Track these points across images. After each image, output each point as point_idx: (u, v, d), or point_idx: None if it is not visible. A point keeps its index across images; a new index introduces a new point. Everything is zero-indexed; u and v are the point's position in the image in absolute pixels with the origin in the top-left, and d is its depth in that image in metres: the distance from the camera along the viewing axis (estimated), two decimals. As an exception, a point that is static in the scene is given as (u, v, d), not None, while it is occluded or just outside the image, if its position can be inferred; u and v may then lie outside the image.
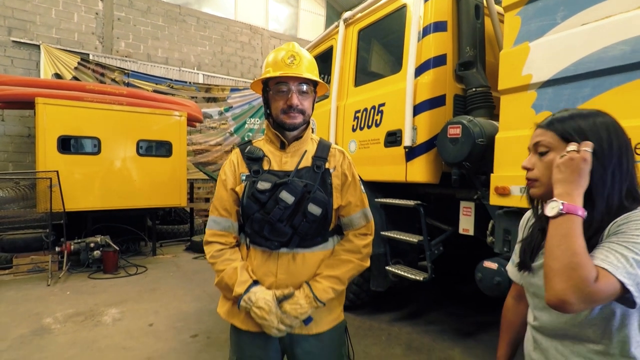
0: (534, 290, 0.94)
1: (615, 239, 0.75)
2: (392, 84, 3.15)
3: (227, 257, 1.22)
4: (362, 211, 1.31)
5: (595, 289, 0.69)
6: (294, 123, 1.19)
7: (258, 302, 1.12)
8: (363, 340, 3.08)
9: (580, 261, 0.70)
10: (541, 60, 2.09)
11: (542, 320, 0.91)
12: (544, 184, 0.88)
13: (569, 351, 0.85)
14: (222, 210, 1.24)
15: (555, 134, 0.86)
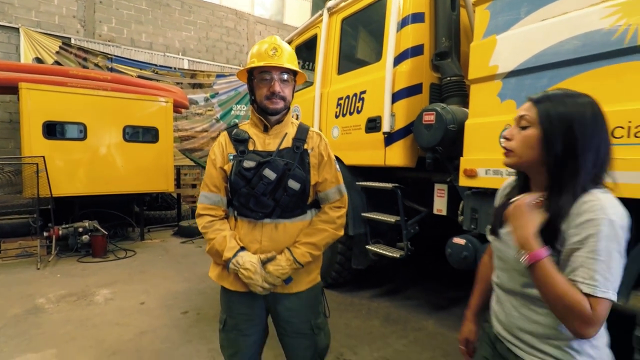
0: (498, 253, 1.04)
1: (589, 254, 0.80)
2: (372, 72, 3.30)
3: (217, 227, 1.38)
4: (336, 187, 1.48)
5: (597, 316, 0.78)
6: (276, 108, 1.34)
7: (245, 264, 1.28)
8: (345, 314, 3.29)
9: (569, 301, 0.79)
10: (506, 52, 2.27)
11: (501, 279, 1.03)
12: (518, 155, 0.94)
13: (519, 304, 0.97)
14: (212, 187, 1.40)
15: (538, 115, 0.91)
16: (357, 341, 2.79)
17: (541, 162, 0.91)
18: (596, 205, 0.82)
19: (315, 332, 1.41)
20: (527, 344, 0.95)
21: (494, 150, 2.29)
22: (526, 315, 0.95)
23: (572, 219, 0.84)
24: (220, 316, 1.46)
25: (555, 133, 0.88)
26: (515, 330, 0.98)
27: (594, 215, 0.81)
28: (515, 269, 0.96)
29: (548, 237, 0.86)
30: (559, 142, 0.87)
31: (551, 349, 0.90)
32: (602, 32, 1.85)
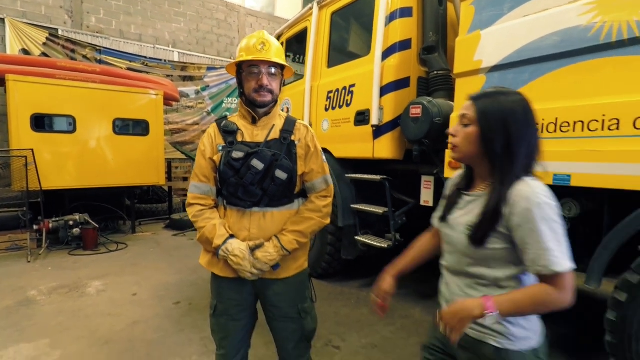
0: (446, 238, 1.14)
1: (539, 242, 0.90)
2: (361, 66, 3.35)
3: (207, 216, 1.43)
4: (323, 177, 1.54)
5: (568, 287, 0.90)
6: (264, 101, 1.39)
7: (234, 251, 1.33)
8: (334, 303, 3.37)
9: (541, 300, 0.90)
10: (490, 47, 2.34)
11: (449, 262, 1.13)
12: (461, 151, 1.05)
13: (464, 284, 1.07)
14: (201, 177, 1.45)
15: (476, 114, 1.00)
16: (345, 328, 2.87)
17: (481, 155, 1.01)
18: (530, 192, 0.92)
19: (302, 316, 1.47)
20: (474, 322, 1.00)
21: (478, 143, 2.37)
22: (469, 294, 1.04)
23: (512, 205, 0.93)
24: (211, 302, 1.52)
25: (491, 129, 0.97)
26: None
27: (528, 203, 0.91)
28: (460, 252, 1.06)
29: (492, 220, 0.96)
30: (495, 138, 0.97)
31: (491, 324, 0.97)
32: (580, 29, 1.92)
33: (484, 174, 1.05)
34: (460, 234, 1.04)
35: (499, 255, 0.98)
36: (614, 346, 1.79)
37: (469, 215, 1.04)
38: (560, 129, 1.99)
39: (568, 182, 1.94)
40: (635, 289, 1.71)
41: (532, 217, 0.90)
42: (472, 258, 1.02)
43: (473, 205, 1.05)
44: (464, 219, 1.05)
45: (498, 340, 1.00)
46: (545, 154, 2.01)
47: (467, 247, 1.01)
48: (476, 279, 1.03)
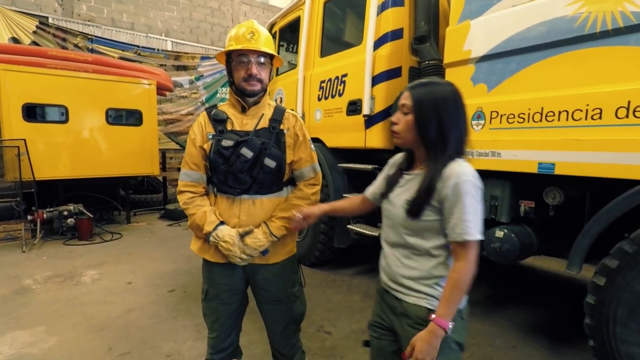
0: (387, 213, 1.23)
1: (461, 212, 1.03)
2: (354, 55, 3.35)
3: (197, 203, 1.46)
4: (311, 165, 1.58)
5: (472, 256, 1.04)
6: (253, 90, 1.41)
7: (224, 237, 1.37)
8: (327, 290, 3.44)
9: (463, 286, 1.04)
10: (479, 37, 2.36)
11: (388, 235, 1.23)
12: (402, 137, 1.16)
13: (402, 255, 1.18)
14: (192, 165, 1.47)
15: (412, 103, 1.11)
16: (337, 315, 2.94)
17: (419, 140, 1.12)
18: (460, 171, 1.05)
19: (291, 300, 1.52)
20: (407, 287, 1.16)
21: (466, 132, 2.40)
22: (407, 263, 1.16)
23: (444, 181, 1.06)
24: (203, 287, 1.56)
25: (425, 116, 1.09)
26: (398, 277, 1.18)
27: (458, 179, 1.04)
28: (399, 224, 1.16)
29: (427, 194, 1.08)
30: (429, 124, 1.09)
31: (424, 287, 1.13)
32: (566, 19, 1.95)
33: (422, 156, 1.15)
34: (400, 209, 1.15)
35: (431, 226, 1.10)
36: (592, 328, 1.86)
37: (408, 192, 1.15)
38: (546, 118, 2.03)
39: (552, 170, 1.99)
40: (613, 274, 1.77)
41: (460, 190, 1.03)
42: (409, 229, 1.13)
43: (412, 183, 1.16)
44: (403, 196, 1.16)
45: (430, 302, 1.11)
46: (531, 143, 2.09)
47: (404, 220, 1.13)
48: (412, 249, 1.15)
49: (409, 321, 1.14)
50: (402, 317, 1.17)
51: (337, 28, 3.95)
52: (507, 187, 2.30)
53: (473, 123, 2.39)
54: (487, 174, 2.35)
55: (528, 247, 2.27)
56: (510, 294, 3.44)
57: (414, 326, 1.12)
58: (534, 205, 2.24)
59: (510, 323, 2.84)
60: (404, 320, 1.16)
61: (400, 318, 1.17)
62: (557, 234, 2.36)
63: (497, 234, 2.27)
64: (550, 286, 3.66)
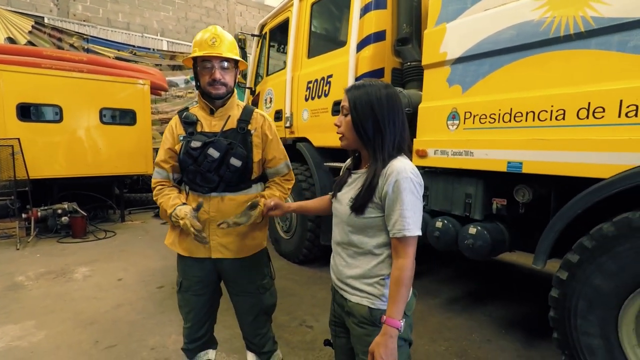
0: (335, 211, 1.27)
1: (400, 209, 1.06)
2: (338, 56, 3.43)
3: (165, 192, 1.55)
4: (285, 162, 1.69)
5: (411, 251, 1.08)
6: (218, 93, 1.48)
7: (180, 213, 1.43)
8: (312, 286, 3.51)
9: (408, 283, 1.07)
10: (454, 39, 2.43)
11: (334, 234, 1.28)
12: (347, 138, 1.19)
13: (347, 254, 1.21)
14: (162, 164, 1.57)
15: (349, 104, 1.15)
16: (320, 310, 3.02)
17: (359, 140, 1.15)
18: (401, 168, 1.08)
19: (261, 292, 1.60)
20: (350, 286, 1.19)
21: (442, 132, 2.48)
22: (350, 262, 1.19)
23: (385, 178, 1.09)
24: (177, 279, 1.64)
25: (361, 117, 1.12)
26: (343, 276, 1.21)
27: (398, 176, 1.06)
28: (344, 222, 1.19)
29: (369, 191, 1.11)
30: (365, 124, 1.11)
31: (366, 287, 1.15)
32: (533, 23, 2.02)
33: (365, 156, 1.20)
34: (345, 207, 1.18)
35: (374, 223, 1.13)
36: (556, 321, 1.94)
37: (353, 190, 1.18)
38: (514, 118, 2.11)
39: (520, 169, 2.06)
40: (574, 268, 1.85)
41: (399, 187, 1.06)
42: (353, 227, 1.16)
43: (357, 181, 1.20)
44: (349, 194, 1.19)
45: (372, 301, 1.14)
46: (500, 142, 2.16)
47: (349, 217, 1.16)
48: (355, 247, 1.18)
49: (354, 319, 1.18)
50: (349, 315, 1.20)
51: (324, 29, 4.02)
52: (480, 185, 2.37)
53: (448, 123, 2.46)
54: (462, 173, 2.43)
55: (500, 243, 2.34)
56: (491, 289, 3.52)
57: (358, 325, 1.16)
58: (505, 203, 2.32)
59: (488, 317, 2.92)
60: (351, 319, 1.20)
61: (349, 316, 1.21)
62: (528, 230, 2.43)
63: (470, 231, 2.34)
64: (530, 282, 3.74)
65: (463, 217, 2.47)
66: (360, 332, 1.15)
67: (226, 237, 1.53)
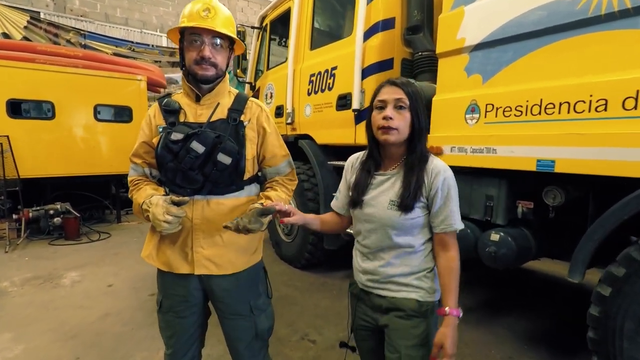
0: (365, 218, 1.21)
1: (450, 205, 1.13)
2: (343, 47, 3.18)
3: (141, 186, 1.32)
4: (287, 160, 1.44)
5: (456, 243, 1.17)
6: (205, 75, 1.24)
7: (154, 200, 1.18)
8: (315, 294, 3.27)
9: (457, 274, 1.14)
10: (474, 24, 2.18)
11: (371, 240, 1.21)
12: (402, 132, 1.14)
13: (394, 255, 1.19)
14: (136, 159, 1.34)
15: (408, 98, 1.13)
16: (324, 321, 2.77)
17: (410, 135, 1.15)
18: (443, 166, 1.15)
19: (255, 314, 1.35)
20: (397, 283, 1.19)
21: (459, 127, 2.23)
22: (395, 263, 1.18)
23: (432, 176, 1.13)
24: (157, 297, 1.40)
25: (420, 111, 1.14)
26: (385, 277, 1.19)
27: (445, 174, 1.13)
28: (386, 225, 1.16)
29: (417, 189, 1.12)
30: (421, 118, 1.15)
31: (414, 281, 1.18)
32: (567, 2, 1.77)
33: (396, 154, 1.19)
34: (384, 210, 1.15)
35: (420, 222, 1.15)
36: (596, 343, 1.69)
37: (390, 191, 1.16)
38: (545, 111, 1.85)
39: (552, 168, 1.81)
40: (620, 283, 1.59)
41: (449, 185, 1.13)
42: (400, 229, 1.15)
43: (389, 183, 1.18)
44: (385, 196, 1.17)
45: (420, 294, 1.18)
46: (529, 138, 1.91)
47: (394, 220, 1.14)
48: (402, 248, 1.17)
49: (399, 313, 1.18)
50: (391, 311, 1.19)
51: (328, 19, 3.78)
52: (504, 186, 2.12)
53: (467, 117, 2.21)
54: (482, 172, 2.18)
55: (526, 251, 2.09)
56: (508, 299, 3.26)
57: (406, 317, 1.17)
58: (532, 206, 2.06)
59: (508, 332, 2.66)
60: (394, 313, 1.19)
61: (389, 312, 1.20)
62: (558, 237, 2.17)
63: (492, 237, 2.09)
64: (551, 291, 3.47)
65: (483, 221, 2.21)
66: (407, 325, 1.17)
67: (213, 249, 1.28)
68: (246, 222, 1.10)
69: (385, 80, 1.20)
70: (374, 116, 1.17)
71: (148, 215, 1.18)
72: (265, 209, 1.13)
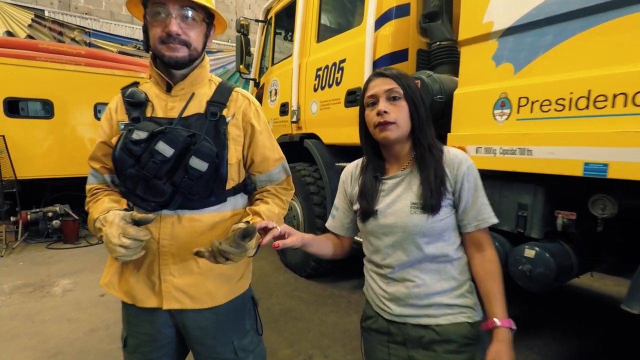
0: (384, 230, 1.00)
1: (479, 197, 0.98)
2: (353, 37, 2.90)
3: (99, 197, 1.05)
4: (281, 165, 1.18)
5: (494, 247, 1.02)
6: (175, 57, 0.97)
7: (107, 220, 0.91)
8: (321, 307, 3.00)
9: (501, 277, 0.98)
10: (503, 5, 1.88)
11: (395, 257, 0.99)
12: (401, 126, 0.97)
13: (417, 272, 0.98)
14: (95, 163, 1.08)
15: (401, 87, 0.97)
16: (330, 341, 2.50)
17: (411, 128, 0.99)
18: (462, 155, 1.00)
19: (240, 357, 1.08)
20: (437, 306, 0.97)
21: (486, 125, 1.94)
22: (428, 279, 0.97)
23: (453, 167, 0.97)
24: (122, 332, 1.14)
25: (416, 100, 0.98)
26: (421, 300, 0.97)
27: (467, 162, 0.98)
28: (413, 234, 0.96)
29: (440, 185, 0.95)
30: (420, 107, 0.99)
31: (457, 300, 0.98)
32: (624, -29, 1.46)
33: (402, 153, 1.03)
34: (408, 215, 0.96)
35: (449, 222, 0.98)
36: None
37: (407, 194, 0.99)
38: (595, 104, 1.55)
39: (604, 172, 1.50)
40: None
41: (474, 174, 0.98)
42: (430, 235, 0.97)
43: (403, 185, 1.00)
44: (403, 201, 0.98)
45: (469, 315, 0.99)
46: (574, 137, 1.60)
47: (422, 225, 0.95)
48: (435, 259, 0.98)
49: (449, 347, 0.96)
50: (436, 345, 0.97)
51: (336, 8, 3.50)
52: (540, 193, 1.81)
53: (495, 113, 1.91)
54: (514, 177, 1.88)
55: (567, 270, 1.78)
56: (538, 317, 2.93)
57: (459, 350, 0.95)
58: (575, 217, 1.75)
59: (537, 355, 2.35)
60: (442, 348, 0.96)
61: (432, 348, 0.97)
62: (606, 253, 1.86)
63: (526, 253, 1.79)
64: (590, 309, 3.13)
65: (514, 233, 1.91)
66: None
67: (186, 277, 1.02)
68: (225, 247, 0.83)
69: (371, 74, 1.05)
70: (367, 115, 1.02)
71: (102, 237, 0.92)
72: (245, 229, 0.85)
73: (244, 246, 0.86)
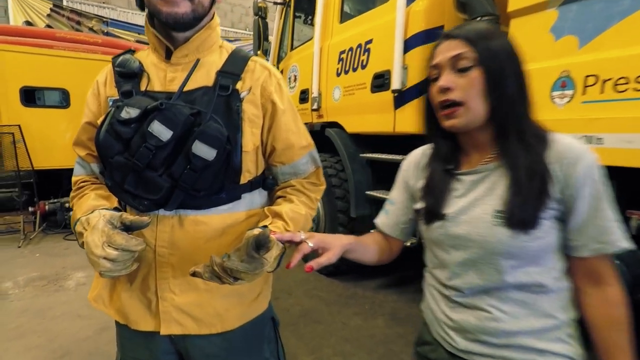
0: (454, 242, 0.75)
1: (607, 205, 0.67)
2: (381, 15, 2.64)
3: (85, 192, 0.87)
4: (309, 154, 0.95)
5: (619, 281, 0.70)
6: (174, 13, 0.75)
7: (89, 222, 0.71)
8: (344, 309, 2.79)
9: (627, 329, 0.68)
10: (567, -34, 1.59)
11: (466, 279, 0.74)
12: (470, 108, 0.70)
13: (497, 301, 0.72)
14: (81, 149, 0.89)
15: (475, 51, 0.69)
16: (354, 347, 2.29)
17: (488, 111, 0.71)
18: (581, 147, 0.68)
19: (257, 391, 0.89)
20: (523, 349, 0.70)
21: (543, 108, 1.66)
22: (513, 312, 0.71)
23: (565, 164, 0.67)
24: (116, 355, 0.96)
25: (502, 68, 0.70)
26: (499, 337, 0.72)
27: (589, 160, 0.67)
28: (495, 253, 0.70)
29: (542, 188, 0.66)
30: (507, 78, 0.70)
31: (551, 344, 0.70)
32: None
33: (483, 140, 0.75)
34: (489, 227, 0.70)
35: (550, 243, 0.69)
36: None
37: (491, 197, 0.71)
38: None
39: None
40: None
41: (594, 178, 0.67)
42: (519, 257, 0.69)
43: (486, 184, 0.73)
44: (484, 206, 0.72)
45: None
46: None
47: (503, 243, 0.68)
48: (522, 289, 0.71)
49: None
50: None
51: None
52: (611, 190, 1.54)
53: (554, 95, 1.64)
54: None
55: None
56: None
57: None
58: (653, 218, 1.48)
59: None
60: None
61: None
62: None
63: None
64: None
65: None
66: None
67: (189, 295, 0.82)
68: (232, 264, 0.62)
69: (441, 35, 0.77)
70: (430, 92, 0.77)
71: (79, 232, 0.72)
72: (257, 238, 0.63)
73: (259, 260, 0.64)
